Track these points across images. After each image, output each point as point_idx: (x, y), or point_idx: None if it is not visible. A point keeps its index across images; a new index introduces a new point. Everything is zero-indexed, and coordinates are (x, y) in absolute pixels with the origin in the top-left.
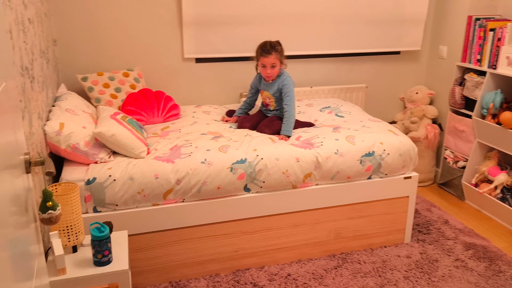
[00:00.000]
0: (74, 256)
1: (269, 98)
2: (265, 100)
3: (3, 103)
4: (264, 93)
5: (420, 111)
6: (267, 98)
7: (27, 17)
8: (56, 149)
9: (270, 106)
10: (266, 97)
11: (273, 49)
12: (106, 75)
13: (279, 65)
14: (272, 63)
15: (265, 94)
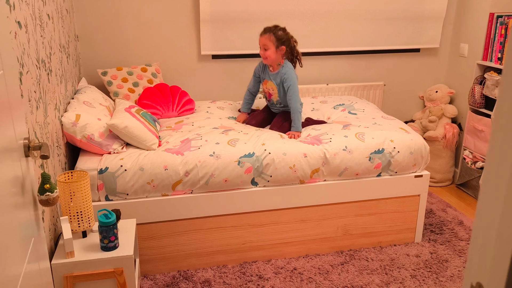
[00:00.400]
0: (83, 241)
1: (272, 88)
2: (268, 91)
3: (0, 90)
4: (268, 82)
5: (439, 110)
6: (271, 89)
7: (46, 12)
8: (72, 139)
9: (273, 98)
10: (269, 88)
11: (269, 31)
12: (125, 70)
13: (274, 49)
14: (264, 44)
15: (269, 84)
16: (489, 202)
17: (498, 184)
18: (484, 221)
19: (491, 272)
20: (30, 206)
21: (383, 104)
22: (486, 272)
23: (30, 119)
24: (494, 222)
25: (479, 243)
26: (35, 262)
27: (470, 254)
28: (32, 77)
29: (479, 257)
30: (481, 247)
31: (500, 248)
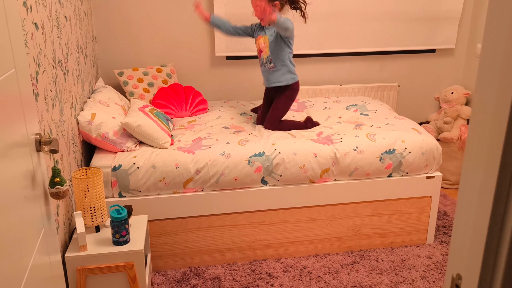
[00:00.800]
0: (96, 235)
1: (264, 42)
2: (259, 47)
3: (12, 88)
4: (261, 38)
5: (454, 111)
6: (262, 43)
7: (63, 14)
8: (87, 137)
9: (263, 54)
10: (261, 43)
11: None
12: (140, 70)
13: (266, 4)
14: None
15: (261, 40)
16: (466, 203)
17: (472, 187)
18: (462, 220)
19: (468, 264)
20: (41, 199)
21: (398, 105)
22: (464, 265)
23: (45, 116)
24: (469, 222)
25: (458, 239)
26: (46, 255)
27: (451, 249)
28: (48, 76)
29: (458, 251)
30: (460, 243)
31: (475, 244)
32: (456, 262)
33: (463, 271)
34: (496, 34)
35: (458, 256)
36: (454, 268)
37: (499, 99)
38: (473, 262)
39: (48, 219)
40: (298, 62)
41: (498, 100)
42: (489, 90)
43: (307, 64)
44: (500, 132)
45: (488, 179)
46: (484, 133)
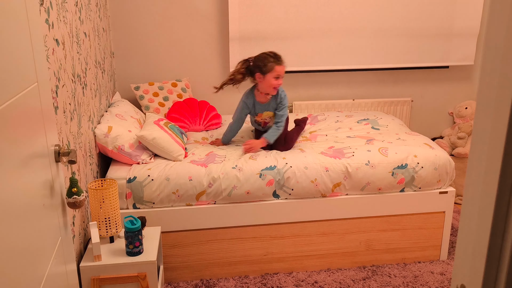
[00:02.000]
0: (110, 246)
1: (269, 117)
2: (264, 121)
3: (34, 101)
4: (264, 113)
5: (468, 126)
6: (267, 118)
7: (83, 31)
8: (104, 150)
9: (269, 124)
10: (265, 117)
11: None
12: (156, 85)
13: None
14: (281, 73)
15: (266, 114)
16: (468, 214)
17: (474, 201)
18: (464, 233)
19: (471, 275)
20: (59, 208)
21: (411, 120)
22: (468, 276)
23: (64, 129)
24: (471, 234)
25: (461, 250)
26: (62, 264)
27: (455, 260)
28: (67, 90)
29: (462, 263)
30: (463, 255)
31: (477, 256)
32: (459, 273)
33: (466, 281)
34: (495, 45)
35: (462, 267)
36: (458, 279)
37: (498, 110)
38: (476, 273)
39: (65, 228)
40: (312, 77)
41: (497, 110)
42: (489, 99)
43: (320, 79)
44: (499, 144)
45: (488, 190)
46: (484, 147)
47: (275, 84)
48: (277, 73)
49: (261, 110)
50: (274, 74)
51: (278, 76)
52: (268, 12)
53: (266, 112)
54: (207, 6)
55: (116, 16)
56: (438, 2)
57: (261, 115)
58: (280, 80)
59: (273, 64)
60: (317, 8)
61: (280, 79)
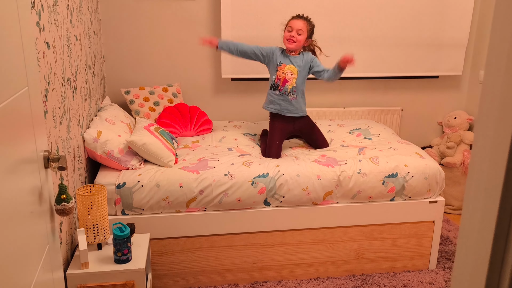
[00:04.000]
0: (98, 253)
1: (291, 72)
2: (284, 76)
3: (24, 106)
4: (287, 66)
5: (457, 136)
6: (289, 73)
7: (74, 34)
8: (93, 155)
9: (288, 84)
10: (288, 71)
11: (305, 18)
12: (147, 89)
13: (305, 37)
14: (300, 29)
15: (288, 68)
16: (468, 230)
17: (473, 214)
18: (464, 248)
19: (471, 285)
20: (47, 215)
21: (401, 129)
22: (468, 285)
23: (53, 133)
24: (473, 241)
25: (462, 260)
26: (49, 271)
27: (454, 270)
28: (57, 94)
29: (461, 272)
30: (464, 264)
31: (478, 264)
32: (459, 283)
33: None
34: (497, 62)
35: (461, 277)
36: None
37: (499, 129)
38: (477, 282)
39: (52, 235)
40: None
41: (499, 129)
42: (490, 118)
43: (311, 86)
44: (501, 162)
45: (489, 208)
46: (484, 165)
47: (287, 35)
48: (289, 26)
49: (286, 61)
50: (288, 28)
51: (290, 29)
52: (261, 18)
53: (290, 65)
54: (200, 11)
55: (108, 19)
56: (428, 13)
57: (284, 67)
58: (292, 33)
59: (289, 19)
60: (308, 16)
61: (292, 31)
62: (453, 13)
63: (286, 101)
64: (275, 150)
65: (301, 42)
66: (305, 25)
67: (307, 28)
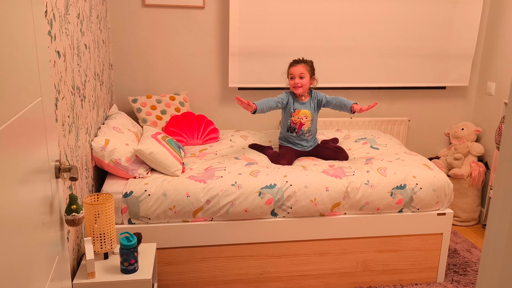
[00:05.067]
0: (105, 262)
1: (306, 116)
2: (300, 121)
3: (37, 116)
4: (301, 111)
5: (464, 147)
6: (303, 117)
7: (84, 43)
8: (100, 163)
9: (304, 127)
10: (302, 116)
11: (302, 61)
12: (154, 98)
13: (309, 78)
14: (301, 73)
15: (302, 113)
16: (493, 242)
17: (501, 226)
18: (489, 259)
19: None
20: (57, 225)
21: (408, 140)
22: None
23: (62, 142)
24: (498, 261)
25: (485, 280)
26: (58, 281)
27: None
28: (67, 102)
29: None
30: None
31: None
32: None
33: None
34: None
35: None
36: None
37: None
38: None
39: (62, 245)
40: None
41: None
42: None
43: None
44: None
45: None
46: None
47: (291, 83)
48: (290, 74)
49: (299, 107)
50: (289, 75)
51: (292, 76)
52: (268, 28)
53: (304, 110)
54: (208, 21)
55: (116, 28)
56: (436, 24)
57: (298, 112)
58: (296, 80)
59: (288, 67)
60: (316, 26)
61: (295, 78)
62: (461, 24)
63: (303, 140)
64: (288, 158)
65: (306, 85)
66: (304, 67)
67: (307, 69)
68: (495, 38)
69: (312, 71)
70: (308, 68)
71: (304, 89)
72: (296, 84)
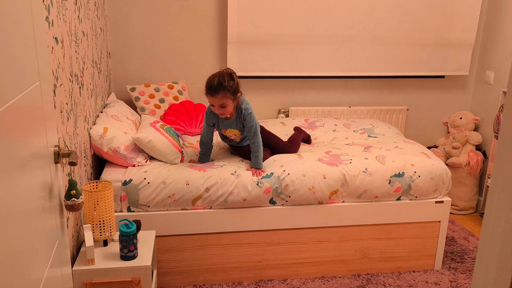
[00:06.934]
0: (104, 249)
1: (234, 134)
2: (230, 136)
3: (36, 100)
4: (228, 131)
5: (463, 136)
6: (232, 135)
7: (81, 30)
8: (99, 151)
9: (236, 139)
10: (231, 134)
11: (221, 87)
12: (152, 86)
13: (232, 102)
14: (221, 104)
15: (230, 132)
16: (491, 229)
17: (498, 215)
18: (487, 249)
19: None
20: (56, 211)
21: (406, 129)
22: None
23: (60, 129)
24: (495, 250)
25: (482, 270)
26: (58, 267)
27: (475, 275)
28: (65, 89)
29: (482, 283)
30: (484, 274)
31: (500, 275)
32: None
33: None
34: None
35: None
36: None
37: None
38: None
39: (61, 231)
40: (308, 83)
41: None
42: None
43: (317, 84)
44: None
45: None
46: None
47: (214, 110)
48: (210, 102)
49: (225, 127)
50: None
51: (213, 106)
52: (267, 17)
53: (230, 129)
54: (206, 9)
55: (114, 16)
56: (435, 13)
57: (225, 132)
58: (216, 109)
59: (206, 93)
60: (315, 15)
61: (215, 107)
62: (461, 13)
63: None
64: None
65: (230, 110)
66: (223, 96)
67: (227, 96)
68: (495, 26)
69: (235, 93)
70: (228, 94)
71: (229, 114)
72: (219, 114)
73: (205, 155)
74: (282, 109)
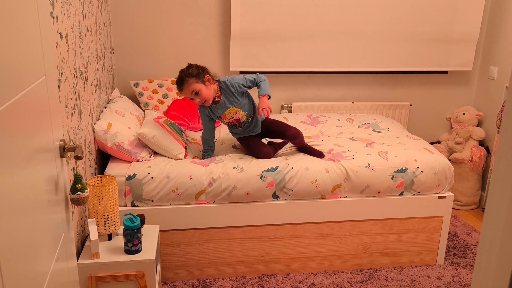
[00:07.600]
0: (108, 243)
1: (235, 112)
2: (233, 119)
3: (42, 95)
4: (227, 113)
5: (466, 132)
6: (234, 114)
7: (85, 25)
8: (103, 146)
9: (242, 118)
10: (232, 115)
11: (183, 80)
12: (155, 82)
13: (203, 86)
14: (192, 91)
15: (229, 112)
16: (492, 225)
17: (499, 209)
18: (487, 243)
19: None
20: (62, 205)
21: (409, 124)
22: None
23: (65, 124)
24: (495, 245)
25: (483, 263)
26: (64, 261)
27: (475, 274)
28: (69, 85)
29: (483, 277)
30: (485, 268)
31: (500, 269)
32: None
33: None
34: None
35: (483, 282)
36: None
37: None
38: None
39: (67, 224)
40: (311, 78)
41: None
42: None
43: (320, 80)
44: None
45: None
46: None
47: (197, 102)
48: (186, 97)
49: (222, 111)
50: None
51: (192, 98)
52: (270, 12)
53: (228, 111)
54: (209, 4)
55: (117, 11)
56: (439, 8)
57: (225, 117)
58: (195, 99)
59: (177, 90)
60: (319, 10)
61: (195, 99)
62: (464, 8)
63: (249, 126)
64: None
65: (207, 95)
66: (192, 83)
67: (195, 81)
68: (498, 22)
69: (202, 74)
70: (192, 80)
71: (208, 99)
72: (200, 103)
73: (208, 152)
74: (285, 104)
